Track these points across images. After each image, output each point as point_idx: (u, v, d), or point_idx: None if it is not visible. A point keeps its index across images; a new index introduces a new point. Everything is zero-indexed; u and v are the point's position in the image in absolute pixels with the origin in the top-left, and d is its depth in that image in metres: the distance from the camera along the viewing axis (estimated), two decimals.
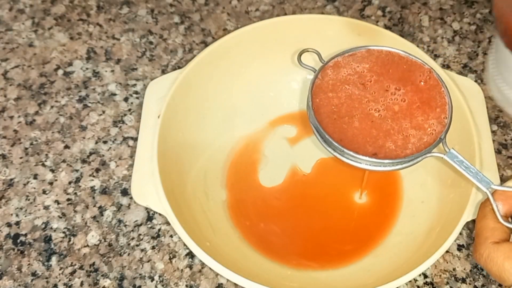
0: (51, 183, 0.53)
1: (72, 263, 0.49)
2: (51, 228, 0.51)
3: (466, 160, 0.37)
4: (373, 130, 0.39)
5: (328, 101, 0.41)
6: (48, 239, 0.50)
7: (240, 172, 0.53)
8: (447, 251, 0.48)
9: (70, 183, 0.53)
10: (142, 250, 0.49)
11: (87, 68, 0.60)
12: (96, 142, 0.55)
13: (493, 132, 0.55)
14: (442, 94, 0.41)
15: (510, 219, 0.36)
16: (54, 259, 0.49)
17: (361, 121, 0.40)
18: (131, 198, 0.52)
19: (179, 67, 0.59)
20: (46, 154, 0.55)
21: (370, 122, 0.40)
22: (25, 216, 0.51)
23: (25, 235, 0.50)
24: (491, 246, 0.33)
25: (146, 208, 0.51)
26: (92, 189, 0.53)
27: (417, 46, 0.52)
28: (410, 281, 0.46)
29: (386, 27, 0.63)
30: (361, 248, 0.49)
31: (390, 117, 0.40)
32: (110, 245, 0.50)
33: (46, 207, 0.52)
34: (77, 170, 0.54)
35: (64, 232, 0.51)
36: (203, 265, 0.49)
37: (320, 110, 0.40)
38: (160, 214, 0.51)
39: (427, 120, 0.40)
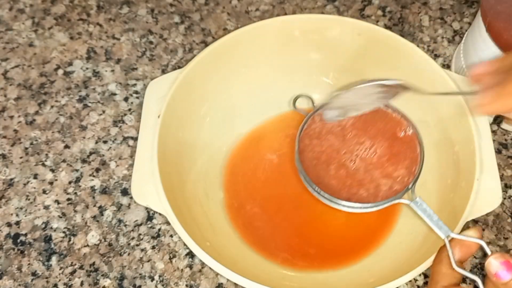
0: (51, 183, 0.53)
1: (72, 263, 0.49)
2: (51, 228, 0.51)
3: (429, 208, 0.42)
4: (348, 179, 0.45)
5: (311, 147, 0.46)
6: (48, 239, 0.50)
7: (239, 172, 0.53)
8: None
9: (70, 183, 0.53)
10: (142, 250, 0.49)
11: (87, 68, 0.60)
12: (96, 142, 0.55)
13: (493, 132, 0.55)
14: (415, 148, 0.46)
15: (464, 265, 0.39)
16: (54, 259, 0.49)
17: (337, 170, 0.45)
18: (131, 198, 0.52)
19: (179, 67, 0.59)
20: (46, 154, 0.55)
21: (345, 172, 0.45)
22: (25, 216, 0.51)
23: (25, 235, 0.51)
24: None
25: (146, 208, 0.51)
26: (92, 189, 0.53)
27: (417, 46, 0.52)
28: (410, 281, 0.46)
29: (386, 27, 0.63)
30: (361, 249, 0.49)
31: (364, 168, 0.45)
32: (110, 245, 0.50)
33: (46, 207, 0.52)
34: (77, 170, 0.54)
35: (64, 232, 0.51)
36: (203, 264, 0.49)
37: (304, 153, 0.46)
38: (160, 214, 0.51)
39: (397, 170, 0.45)
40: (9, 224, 0.51)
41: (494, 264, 0.35)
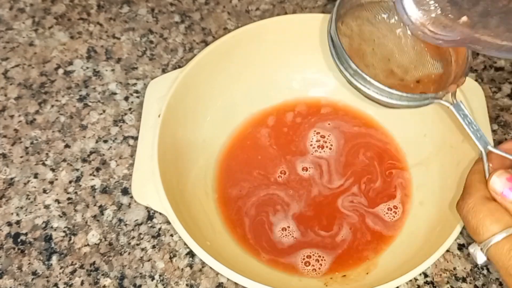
0: (51, 182, 0.53)
1: (72, 262, 0.49)
2: (52, 227, 0.51)
3: (470, 116, 0.37)
4: (390, 64, 0.40)
5: (351, 28, 0.41)
6: (48, 238, 0.50)
7: (238, 171, 0.53)
8: (447, 250, 0.48)
9: (70, 182, 0.53)
10: (142, 249, 0.50)
11: (87, 67, 0.60)
12: (97, 141, 0.56)
13: (494, 131, 0.55)
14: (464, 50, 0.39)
15: None
16: (54, 258, 0.49)
17: (377, 57, 0.40)
18: (131, 197, 0.52)
19: (180, 66, 0.59)
20: (47, 153, 0.55)
21: (384, 61, 0.40)
22: (26, 215, 0.51)
23: (26, 234, 0.51)
24: (480, 199, 0.33)
25: (147, 207, 0.51)
26: (93, 188, 0.53)
27: None
28: (410, 281, 0.46)
29: None
30: (363, 249, 0.49)
31: (406, 61, 0.40)
32: (110, 244, 0.50)
33: (46, 206, 0.52)
34: (77, 169, 0.54)
35: (64, 231, 0.51)
36: (203, 264, 0.49)
37: (340, 30, 0.40)
38: (160, 213, 0.51)
39: (440, 68, 0.40)
40: (9, 224, 0.51)
41: (497, 182, 0.32)
